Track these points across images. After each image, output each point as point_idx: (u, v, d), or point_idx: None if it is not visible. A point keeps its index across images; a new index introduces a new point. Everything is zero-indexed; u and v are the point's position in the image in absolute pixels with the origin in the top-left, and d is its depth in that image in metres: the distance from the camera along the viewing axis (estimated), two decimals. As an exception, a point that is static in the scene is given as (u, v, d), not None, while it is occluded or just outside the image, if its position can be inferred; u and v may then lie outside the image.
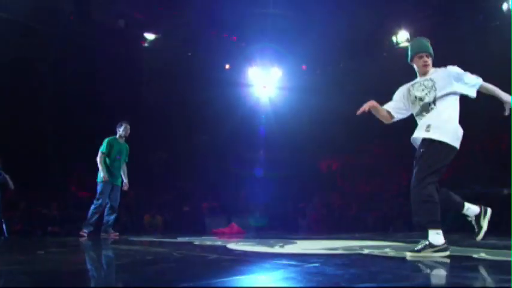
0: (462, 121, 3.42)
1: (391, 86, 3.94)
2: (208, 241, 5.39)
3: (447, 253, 3.13)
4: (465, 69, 3.46)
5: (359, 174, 12.87)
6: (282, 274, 2.59)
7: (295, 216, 10.77)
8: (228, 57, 11.90)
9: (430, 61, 3.49)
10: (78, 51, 9.59)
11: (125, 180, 6.62)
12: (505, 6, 8.93)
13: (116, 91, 11.08)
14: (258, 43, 12.09)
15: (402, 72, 4.08)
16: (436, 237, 3.12)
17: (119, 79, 10.93)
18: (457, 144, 3.30)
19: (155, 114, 11.78)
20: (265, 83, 12.77)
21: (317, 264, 2.93)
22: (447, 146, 3.25)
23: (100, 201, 6.32)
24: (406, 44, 10.59)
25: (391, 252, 3.65)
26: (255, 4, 10.90)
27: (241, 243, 5.12)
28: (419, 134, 3.36)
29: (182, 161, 12.14)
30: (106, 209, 6.48)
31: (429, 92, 3.38)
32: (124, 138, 6.65)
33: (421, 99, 3.42)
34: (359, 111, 3.48)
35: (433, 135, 3.26)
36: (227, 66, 11.94)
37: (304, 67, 12.01)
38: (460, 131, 3.36)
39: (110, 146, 6.46)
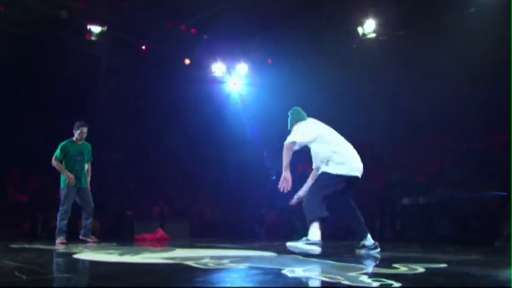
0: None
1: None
2: (76, 248, 4.64)
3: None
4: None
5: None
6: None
7: (251, 223, 9.84)
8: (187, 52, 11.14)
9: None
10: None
11: (87, 179, 6.37)
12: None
13: (62, 88, 10.49)
14: (221, 36, 11.32)
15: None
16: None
17: (66, 75, 10.33)
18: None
19: (108, 113, 11.11)
20: (232, 79, 11.96)
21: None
22: None
23: (65, 206, 6.05)
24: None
25: (211, 263, 2.90)
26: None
27: (101, 251, 4.34)
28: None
29: (137, 163, 11.43)
30: (82, 214, 6.28)
31: None
32: (82, 140, 6.30)
33: None
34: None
35: None
36: (187, 62, 11.16)
37: (270, 61, 11.14)
38: None
39: (63, 150, 6.16)
